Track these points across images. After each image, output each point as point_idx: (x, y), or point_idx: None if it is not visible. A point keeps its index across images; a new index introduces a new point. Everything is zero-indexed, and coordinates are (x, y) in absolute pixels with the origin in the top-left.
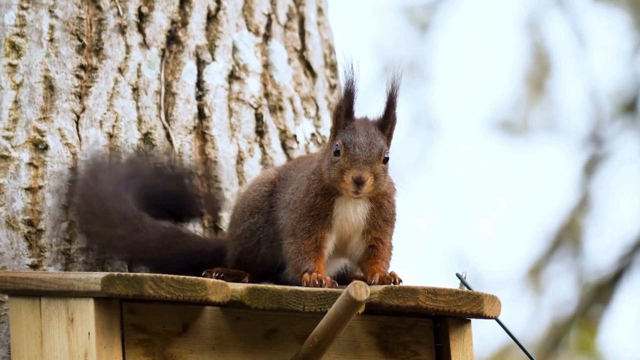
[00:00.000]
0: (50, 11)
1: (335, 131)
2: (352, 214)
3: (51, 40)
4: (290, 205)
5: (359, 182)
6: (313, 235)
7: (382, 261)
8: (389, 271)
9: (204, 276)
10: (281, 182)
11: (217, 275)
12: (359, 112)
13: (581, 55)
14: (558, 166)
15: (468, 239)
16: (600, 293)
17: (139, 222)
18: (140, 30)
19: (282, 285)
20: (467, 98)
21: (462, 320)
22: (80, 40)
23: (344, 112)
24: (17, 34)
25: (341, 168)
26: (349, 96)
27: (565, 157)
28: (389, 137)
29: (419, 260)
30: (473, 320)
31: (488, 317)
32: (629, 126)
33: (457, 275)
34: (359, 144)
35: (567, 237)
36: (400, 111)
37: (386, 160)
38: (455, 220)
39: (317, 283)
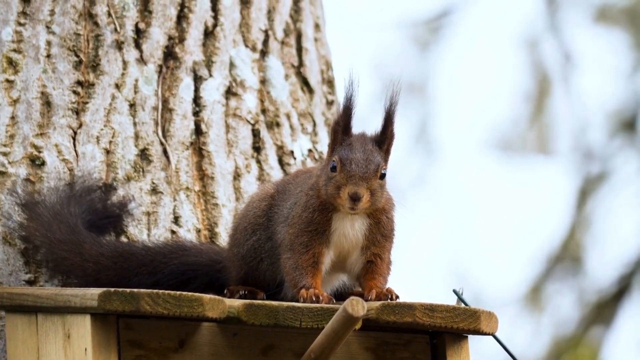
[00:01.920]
0: (48, 27)
1: (332, 147)
2: (349, 229)
3: (48, 56)
4: (289, 220)
5: (354, 199)
6: (310, 250)
7: (380, 277)
8: (386, 287)
9: (225, 295)
10: (279, 196)
11: (243, 293)
12: (357, 128)
13: (580, 75)
14: (558, 185)
15: (468, 257)
16: (600, 312)
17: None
18: (138, 46)
19: (279, 301)
20: (467, 117)
21: (459, 336)
22: (78, 56)
23: (341, 127)
24: (14, 50)
25: (337, 184)
26: (346, 112)
27: (564, 175)
28: (386, 153)
29: (418, 278)
30: (472, 337)
31: (485, 334)
32: (628, 145)
33: (454, 291)
34: (356, 160)
35: (567, 255)
36: (398, 128)
37: (383, 176)
38: (455, 238)
39: (314, 299)
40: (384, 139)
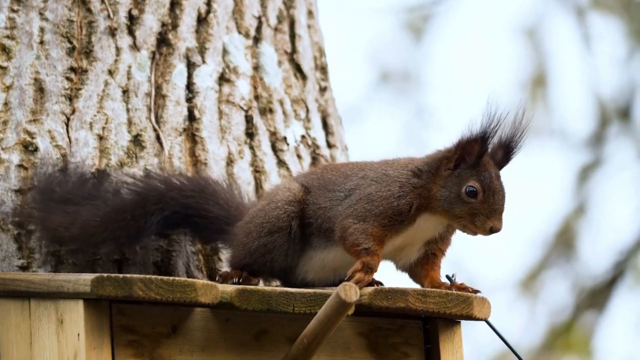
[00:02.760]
0: (41, 14)
1: (457, 162)
2: (429, 229)
3: (41, 42)
4: (366, 197)
5: (494, 232)
6: (385, 231)
7: (439, 269)
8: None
9: (217, 281)
10: (314, 193)
11: (237, 280)
12: (352, 118)
13: (577, 62)
14: (553, 172)
15: (463, 243)
16: (595, 298)
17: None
18: (131, 32)
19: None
20: (463, 103)
21: (451, 321)
22: (71, 43)
23: (475, 155)
24: (7, 37)
25: (475, 212)
26: (485, 141)
27: (560, 162)
28: None
29: None
30: (468, 324)
31: (477, 319)
32: (624, 132)
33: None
34: (497, 192)
35: (563, 242)
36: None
37: None
38: None
39: (368, 269)
40: (505, 162)
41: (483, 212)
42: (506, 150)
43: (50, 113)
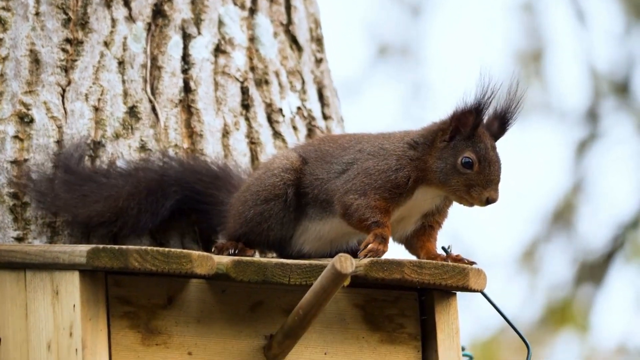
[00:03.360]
0: None
1: (452, 134)
2: (427, 202)
3: (37, 14)
4: (364, 171)
5: (490, 203)
6: (386, 204)
7: (435, 241)
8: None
9: (213, 252)
10: (311, 164)
11: (232, 252)
12: (348, 89)
13: (574, 36)
14: (552, 146)
15: (462, 219)
16: (594, 272)
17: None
18: (126, 4)
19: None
20: (460, 79)
21: (447, 293)
22: (66, 14)
23: (470, 126)
24: (3, 8)
25: (471, 183)
26: (479, 113)
27: (559, 137)
28: None
29: None
30: (461, 294)
31: (473, 290)
32: (622, 106)
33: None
34: (493, 162)
35: (561, 217)
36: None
37: None
38: None
39: (382, 240)
40: (501, 133)
41: (479, 183)
42: (502, 122)
43: (45, 84)
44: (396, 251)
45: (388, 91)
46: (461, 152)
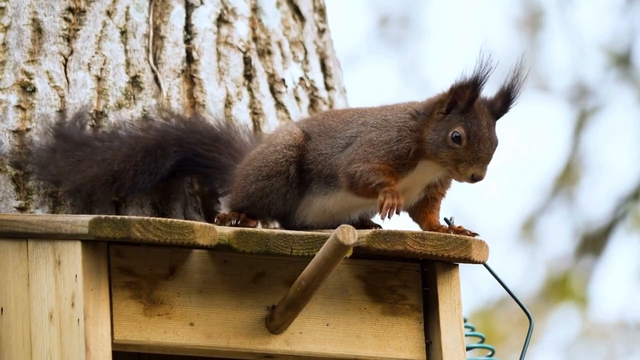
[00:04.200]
0: None
1: (449, 107)
2: (429, 174)
3: None
4: (368, 142)
5: (476, 180)
6: (389, 167)
7: (438, 211)
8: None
9: (215, 222)
10: (315, 139)
11: (235, 222)
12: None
13: (575, 8)
14: (552, 119)
15: (463, 191)
16: (594, 245)
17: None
18: None
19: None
20: (459, 53)
21: (449, 264)
22: None
23: (466, 100)
24: None
25: (458, 157)
26: (476, 87)
27: (559, 109)
28: None
29: None
30: (463, 266)
31: (476, 262)
32: (623, 78)
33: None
34: (484, 140)
35: (562, 189)
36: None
37: None
38: None
39: (394, 194)
40: (503, 112)
41: (466, 159)
42: (504, 100)
43: (48, 54)
44: (400, 224)
45: (388, 62)
46: (453, 126)
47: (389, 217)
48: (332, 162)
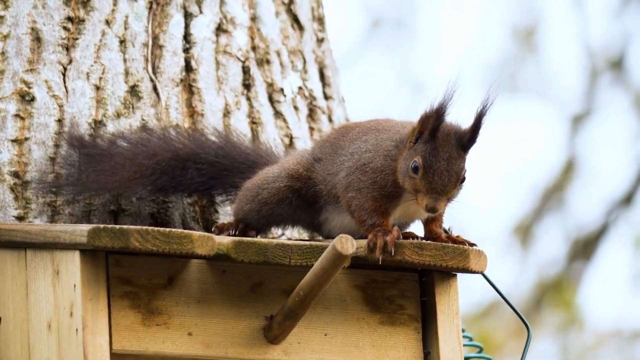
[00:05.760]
0: None
1: (417, 136)
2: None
3: None
4: (359, 167)
5: (431, 211)
6: (379, 206)
7: (439, 221)
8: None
9: (213, 232)
10: (325, 160)
11: (233, 232)
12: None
13: (570, 12)
14: (545, 123)
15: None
16: (586, 249)
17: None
18: None
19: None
20: (454, 56)
21: (448, 274)
22: None
23: (429, 129)
24: None
25: (416, 187)
26: (439, 116)
27: (552, 113)
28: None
29: None
30: (460, 276)
31: (474, 272)
32: (617, 82)
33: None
34: (439, 171)
35: (554, 193)
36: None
37: (463, 180)
38: None
39: (384, 232)
40: (471, 143)
41: (422, 189)
42: (472, 131)
43: (47, 63)
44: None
45: (381, 64)
46: (414, 156)
47: (379, 255)
48: (335, 181)
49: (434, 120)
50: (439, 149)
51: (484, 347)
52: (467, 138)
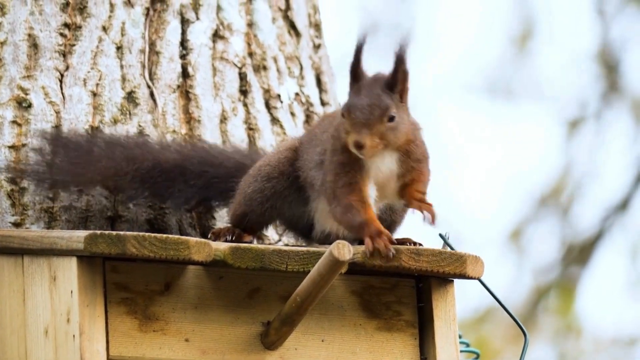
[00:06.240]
0: None
1: (349, 90)
2: (381, 164)
3: None
4: (325, 169)
5: (358, 146)
6: (354, 190)
7: (421, 183)
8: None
9: (210, 238)
10: (304, 145)
11: (230, 238)
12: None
13: (564, 17)
14: (542, 128)
15: (451, 200)
16: (582, 255)
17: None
18: None
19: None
20: (451, 59)
21: (445, 280)
22: None
23: (350, 72)
24: None
25: (345, 130)
26: (355, 56)
27: (549, 118)
28: (402, 94)
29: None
30: (457, 282)
31: (471, 278)
32: (613, 87)
33: (440, 235)
34: (360, 106)
35: (551, 199)
36: (410, 67)
37: (392, 118)
38: (438, 181)
39: (377, 235)
40: (395, 81)
41: (348, 128)
42: (393, 71)
43: (44, 69)
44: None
45: (377, 70)
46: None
47: (385, 258)
48: (311, 174)
49: (352, 63)
50: (361, 90)
51: (481, 353)
52: (390, 77)
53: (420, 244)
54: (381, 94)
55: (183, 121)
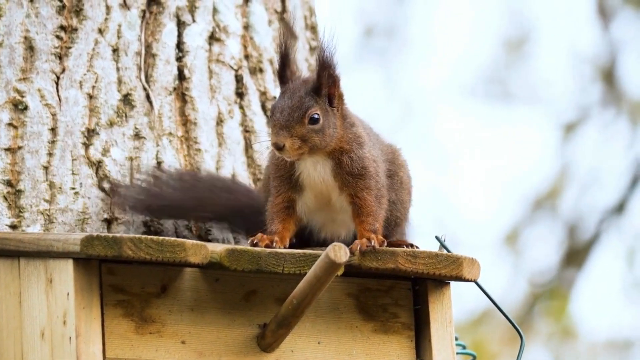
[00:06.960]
0: None
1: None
2: (313, 171)
3: (31, 0)
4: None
5: (277, 147)
6: (281, 195)
7: (368, 217)
8: (374, 229)
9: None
10: None
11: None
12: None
13: (560, 21)
14: (538, 131)
15: (447, 202)
16: (578, 258)
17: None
18: None
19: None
20: (447, 63)
21: (441, 282)
22: (61, 1)
23: (278, 75)
24: None
25: (268, 132)
26: (280, 60)
27: (545, 122)
28: (331, 98)
29: None
30: (453, 284)
31: (467, 280)
32: (609, 91)
33: (437, 237)
34: (279, 108)
35: (547, 202)
36: (340, 73)
37: (315, 120)
38: (434, 184)
39: (267, 244)
40: (319, 84)
41: (270, 129)
42: (317, 73)
43: (40, 72)
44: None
45: (374, 72)
46: None
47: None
48: None
49: (278, 68)
50: (285, 92)
51: (477, 355)
52: (314, 79)
53: (416, 247)
54: (304, 97)
55: (179, 123)
